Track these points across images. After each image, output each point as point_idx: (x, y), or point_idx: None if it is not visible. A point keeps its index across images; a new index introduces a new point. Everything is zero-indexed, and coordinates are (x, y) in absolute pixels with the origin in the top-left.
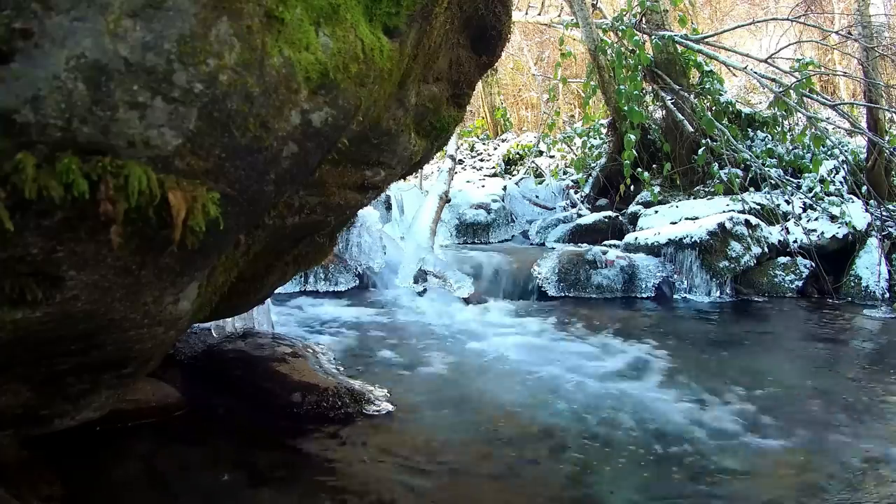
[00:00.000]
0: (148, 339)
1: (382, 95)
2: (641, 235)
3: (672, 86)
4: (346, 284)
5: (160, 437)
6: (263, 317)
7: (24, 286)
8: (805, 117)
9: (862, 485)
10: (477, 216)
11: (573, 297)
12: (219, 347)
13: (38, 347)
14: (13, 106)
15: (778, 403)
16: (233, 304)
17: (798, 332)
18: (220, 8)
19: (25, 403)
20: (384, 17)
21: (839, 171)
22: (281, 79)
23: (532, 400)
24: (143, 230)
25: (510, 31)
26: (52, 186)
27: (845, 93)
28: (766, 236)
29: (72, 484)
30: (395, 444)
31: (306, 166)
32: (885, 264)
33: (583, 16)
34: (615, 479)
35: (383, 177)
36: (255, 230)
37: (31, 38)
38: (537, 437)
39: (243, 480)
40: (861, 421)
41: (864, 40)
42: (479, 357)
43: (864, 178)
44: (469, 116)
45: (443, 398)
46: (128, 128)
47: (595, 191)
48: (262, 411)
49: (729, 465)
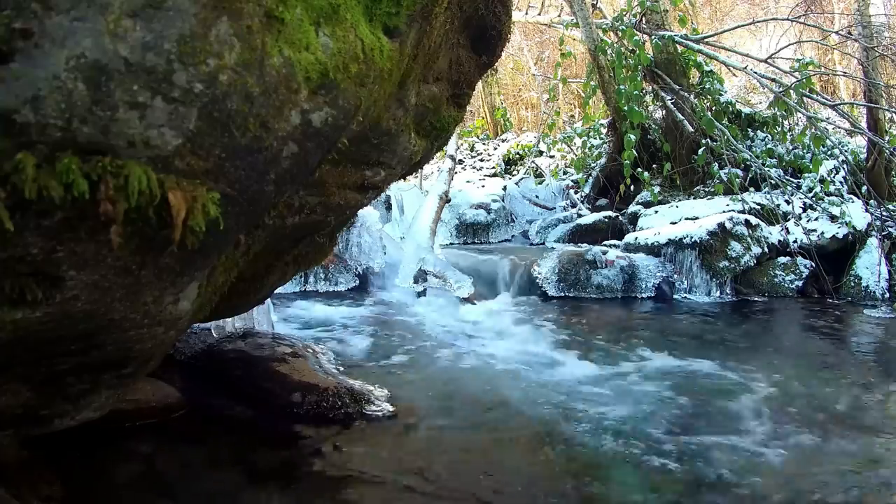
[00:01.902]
0: (148, 339)
1: (382, 95)
2: (641, 235)
3: (672, 86)
4: (346, 284)
5: (160, 437)
6: (263, 317)
7: (24, 286)
8: (805, 117)
9: (862, 485)
10: (477, 216)
11: (573, 297)
12: (219, 347)
13: (38, 347)
14: (13, 106)
15: (778, 403)
16: (233, 304)
17: (798, 332)
18: (220, 8)
19: (25, 403)
20: (384, 17)
21: (839, 171)
22: (281, 79)
23: (532, 400)
24: (143, 230)
25: (510, 31)
26: (52, 186)
27: (845, 93)
28: (766, 236)
29: (72, 484)
30: (394, 444)
31: (306, 166)
32: (885, 264)
33: (583, 16)
34: (616, 479)
35: (383, 177)
36: (255, 230)
37: (31, 38)
38: (538, 438)
39: (243, 480)
40: (861, 421)
41: (864, 40)
42: (479, 357)
43: (864, 178)
44: (469, 116)
45: (443, 398)
46: (128, 128)
47: (595, 191)
48: (262, 411)
49: (728, 465)
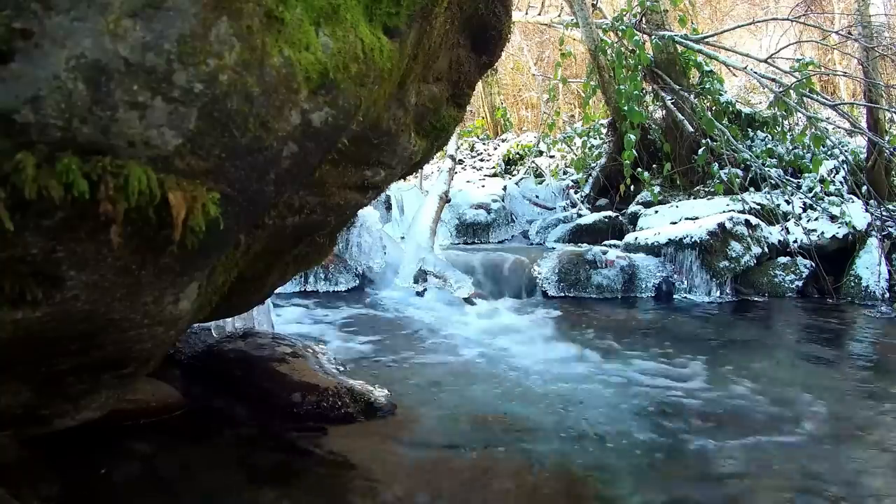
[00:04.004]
0: (148, 339)
1: (382, 95)
2: (641, 235)
3: (672, 86)
4: (346, 284)
5: (160, 437)
6: (263, 317)
7: (24, 286)
8: (805, 117)
9: (862, 485)
10: (477, 216)
11: (573, 296)
12: (219, 347)
13: (38, 347)
14: (13, 106)
15: (777, 403)
16: (233, 304)
17: (798, 332)
18: (220, 8)
19: (25, 403)
20: (384, 17)
21: (839, 171)
22: (281, 79)
23: (532, 400)
24: (143, 230)
25: (510, 31)
26: (52, 186)
27: (845, 93)
28: (766, 236)
29: (72, 484)
30: (395, 445)
31: (306, 166)
32: (885, 264)
33: (583, 16)
34: (618, 479)
35: (383, 177)
36: (255, 230)
37: (31, 38)
38: (538, 438)
39: (243, 480)
40: (861, 421)
41: (864, 40)
42: (479, 357)
43: (864, 178)
44: (469, 116)
45: (443, 398)
46: (128, 128)
47: (595, 191)
48: (262, 411)
49: (728, 465)
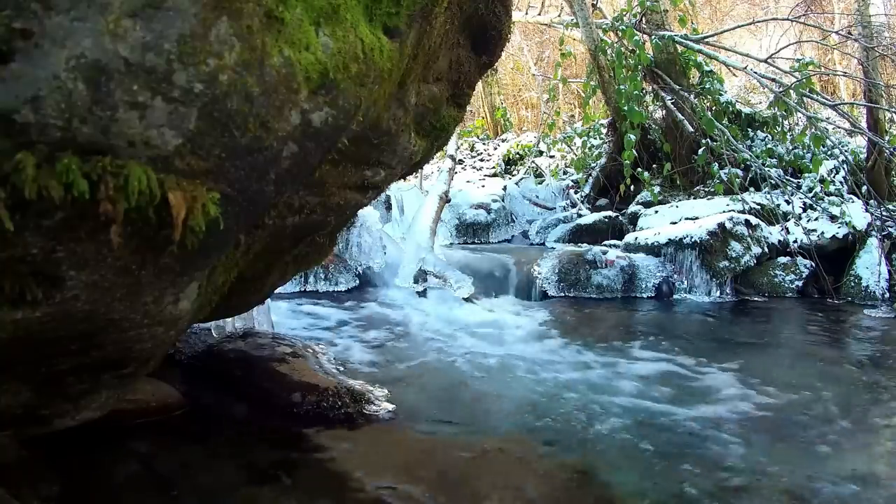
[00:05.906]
0: (148, 338)
1: (382, 95)
2: (641, 235)
3: (672, 86)
4: (346, 284)
5: (160, 437)
6: (263, 317)
7: (24, 286)
8: (805, 117)
9: (862, 485)
10: (477, 216)
11: (573, 296)
12: (219, 347)
13: (38, 347)
14: (13, 106)
15: (777, 403)
16: (233, 304)
17: (798, 332)
18: (220, 8)
19: (25, 403)
20: (384, 17)
21: (839, 171)
22: (281, 79)
23: (532, 400)
24: (143, 230)
25: (510, 31)
26: (52, 186)
27: (845, 93)
28: (766, 236)
29: (72, 484)
30: (395, 445)
31: (306, 166)
32: (885, 264)
33: (583, 16)
34: (618, 479)
35: (383, 177)
36: (255, 230)
37: (31, 38)
38: (538, 438)
39: (243, 480)
40: (861, 421)
41: (864, 40)
42: (479, 357)
43: (864, 178)
44: (469, 116)
45: (443, 398)
46: (128, 128)
47: (595, 191)
48: (262, 411)
49: (727, 465)
